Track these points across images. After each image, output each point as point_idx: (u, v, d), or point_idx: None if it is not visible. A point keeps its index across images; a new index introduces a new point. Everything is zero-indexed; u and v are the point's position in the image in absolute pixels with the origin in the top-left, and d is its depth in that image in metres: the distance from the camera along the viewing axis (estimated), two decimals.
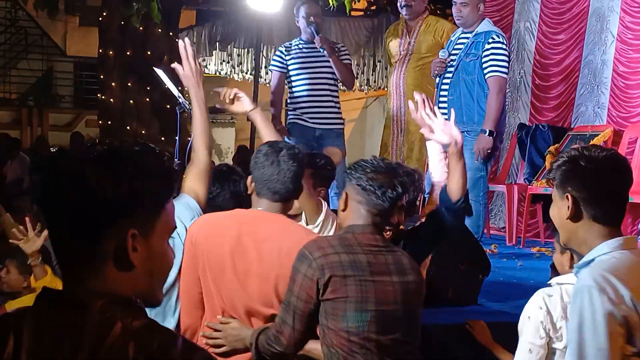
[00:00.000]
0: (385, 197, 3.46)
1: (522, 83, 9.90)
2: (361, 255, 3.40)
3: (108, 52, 14.29)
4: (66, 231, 1.86)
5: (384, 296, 3.38)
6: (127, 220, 1.85)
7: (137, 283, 1.89)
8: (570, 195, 2.91)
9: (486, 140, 6.76)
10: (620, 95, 8.69)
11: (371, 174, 3.50)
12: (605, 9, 8.94)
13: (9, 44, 21.92)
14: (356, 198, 3.51)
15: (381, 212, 3.49)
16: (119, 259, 1.85)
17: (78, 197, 1.83)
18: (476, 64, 6.89)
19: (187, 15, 17.77)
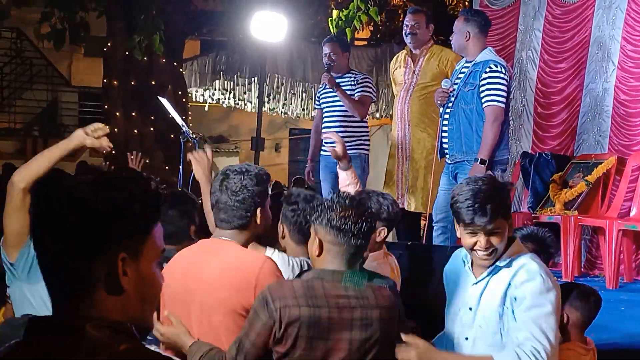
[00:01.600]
0: (360, 234, 3.40)
1: (525, 111, 9.92)
2: (324, 310, 3.31)
3: (112, 82, 14.34)
4: (56, 258, 1.86)
5: (334, 354, 3.33)
6: (117, 245, 1.86)
7: (128, 307, 1.89)
8: None
9: (479, 169, 6.74)
10: (621, 123, 8.69)
11: (342, 213, 3.42)
12: (606, 38, 8.97)
13: (14, 74, 22.00)
14: (330, 240, 3.43)
15: (357, 250, 3.43)
16: (109, 283, 1.85)
17: (68, 224, 1.83)
18: (474, 93, 6.87)
19: (191, 45, 17.85)
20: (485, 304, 3.66)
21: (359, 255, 3.48)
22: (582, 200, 8.36)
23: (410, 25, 8.00)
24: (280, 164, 22.40)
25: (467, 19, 7.09)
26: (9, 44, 21.25)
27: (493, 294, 3.64)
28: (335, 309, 3.33)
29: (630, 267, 8.05)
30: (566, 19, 9.57)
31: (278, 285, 3.40)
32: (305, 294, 3.31)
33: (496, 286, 3.64)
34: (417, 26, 8.03)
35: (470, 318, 3.71)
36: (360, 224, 3.40)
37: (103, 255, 1.85)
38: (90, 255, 1.84)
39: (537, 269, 3.57)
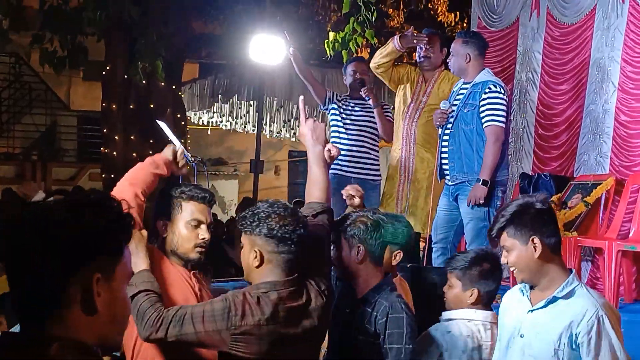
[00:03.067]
0: (296, 241, 3.38)
1: (525, 133, 9.92)
2: (281, 325, 3.31)
3: (111, 105, 14.35)
4: (30, 279, 1.87)
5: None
6: (91, 265, 1.88)
7: (99, 328, 1.91)
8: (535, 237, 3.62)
9: (480, 189, 6.76)
10: (622, 144, 8.69)
11: (281, 221, 3.39)
12: (606, 59, 8.98)
13: (13, 99, 22.00)
14: (269, 249, 3.40)
15: (294, 257, 3.40)
16: (85, 303, 1.87)
17: (43, 244, 1.85)
18: (474, 114, 6.89)
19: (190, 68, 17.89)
20: (539, 333, 3.69)
21: (297, 263, 3.43)
22: (582, 221, 8.35)
23: (424, 48, 8.02)
24: (279, 187, 22.38)
25: (465, 42, 7.11)
26: (7, 69, 21.28)
27: (549, 325, 3.66)
28: (292, 323, 3.33)
29: (630, 288, 8.03)
30: (565, 41, 9.59)
31: (242, 297, 3.34)
32: (267, 312, 3.29)
33: (554, 318, 3.66)
34: (432, 50, 8.06)
35: (520, 346, 3.74)
36: (298, 231, 3.38)
37: (78, 275, 1.87)
38: (66, 275, 1.86)
39: (595, 304, 3.61)
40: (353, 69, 8.36)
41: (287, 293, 3.36)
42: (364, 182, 8.02)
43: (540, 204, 3.70)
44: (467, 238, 7.07)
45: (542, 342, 3.64)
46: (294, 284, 3.40)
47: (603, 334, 3.55)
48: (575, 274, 3.72)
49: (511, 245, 3.66)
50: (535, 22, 9.99)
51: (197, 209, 3.92)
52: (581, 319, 3.56)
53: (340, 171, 8.20)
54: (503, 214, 3.69)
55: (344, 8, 10.12)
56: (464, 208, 6.96)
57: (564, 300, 3.65)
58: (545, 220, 3.73)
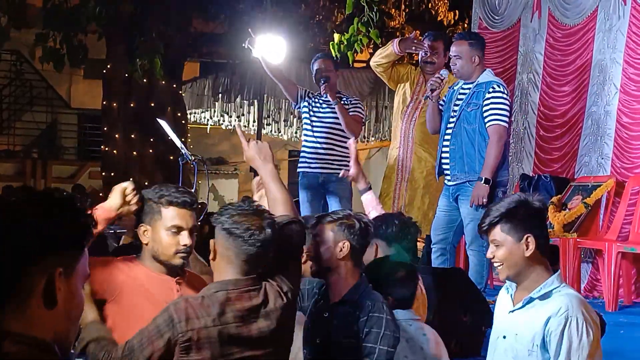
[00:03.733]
0: (253, 241, 3.26)
1: (526, 134, 9.92)
2: (232, 326, 3.21)
3: (112, 104, 14.35)
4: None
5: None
6: (54, 258, 1.88)
7: (55, 323, 1.90)
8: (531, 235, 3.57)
9: (482, 188, 6.76)
10: (623, 146, 8.69)
11: (236, 217, 3.29)
12: (608, 61, 8.98)
13: (14, 96, 22.02)
14: (224, 244, 3.31)
15: (251, 257, 3.29)
16: (47, 295, 1.87)
17: (4, 233, 1.86)
18: (477, 113, 6.90)
19: (191, 67, 17.89)
20: (517, 334, 3.64)
21: (255, 264, 3.32)
22: (581, 222, 8.35)
23: (428, 53, 8.02)
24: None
25: (472, 44, 7.13)
26: (8, 67, 21.28)
27: (525, 326, 3.61)
28: (241, 322, 3.23)
29: (629, 289, 8.03)
30: (567, 42, 9.59)
31: (184, 304, 3.23)
32: (212, 314, 3.20)
33: (529, 319, 3.61)
34: (436, 56, 8.06)
35: (504, 347, 3.70)
36: (257, 233, 3.26)
37: (39, 268, 1.87)
38: (25, 266, 1.86)
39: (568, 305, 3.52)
40: (317, 67, 8.28)
41: (237, 293, 3.26)
42: (329, 176, 8.05)
43: (539, 203, 3.66)
44: (467, 239, 7.07)
45: (520, 344, 3.61)
46: (246, 284, 3.30)
47: (566, 335, 3.46)
48: (559, 276, 3.64)
49: (502, 241, 3.60)
50: (537, 23, 9.98)
51: (177, 214, 3.75)
52: (552, 318, 3.51)
53: (308, 168, 8.24)
54: (498, 209, 3.63)
55: (347, 9, 10.12)
56: (465, 209, 6.96)
57: (540, 301, 3.59)
58: (540, 220, 3.73)
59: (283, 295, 3.37)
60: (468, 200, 6.92)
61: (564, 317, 3.48)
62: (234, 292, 3.26)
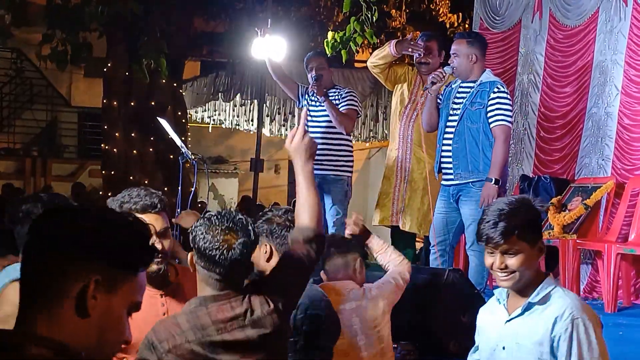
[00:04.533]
0: (222, 259, 3.15)
1: (527, 135, 9.91)
2: (215, 338, 3.13)
3: (112, 102, 14.36)
4: (33, 265, 1.88)
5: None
6: (96, 266, 1.88)
7: (85, 335, 1.88)
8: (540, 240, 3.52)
9: (492, 188, 6.76)
10: (624, 148, 8.69)
11: (208, 236, 3.16)
12: (609, 62, 8.97)
13: (14, 94, 22.03)
14: (199, 262, 3.21)
15: (223, 276, 3.19)
16: (78, 302, 1.86)
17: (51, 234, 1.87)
18: (481, 112, 6.90)
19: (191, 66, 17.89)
20: (520, 343, 3.55)
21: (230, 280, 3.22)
22: (581, 223, 8.34)
23: (422, 54, 8.02)
24: (279, 186, 22.39)
25: (470, 42, 7.12)
26: (9, 64, 21.29)
27: (528, 333, 3.52)
28: (226, 332, 3.15)
29: (628, 290, 8.02)
30: (568, 43, 9.58)
31: (161, 324, 3.16)
32: (192, 327, 3.12)
33: (532, 326, 3.52)
34: (430, 56, 8.06)
35: (503, 358, 3.61)
36: (222, 251, 3.16)
37: (78, 270, 1.86)
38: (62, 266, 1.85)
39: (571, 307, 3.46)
40: (309, 64, 8.29)
41: (217, 307, 3.17)
42: (325, 176, 8.04)
43: (540, 205, 3.62)
44: (469, 239, 7.06)
45: (524, 353, 3.52)
46: (227, 296, 3.20)
47: (575, 339, 3.39)
48: (550, 277, 3.58)
49: (521, 249, 3.46)
50: (538, 24, 9.98)
51: None
52: (557, 323, 3.43)
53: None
54: (506, 216, 3.45)
55: (345, 7, 10.12)
56: (467, 210, 6.96)
57: (540, 306, 3.50)
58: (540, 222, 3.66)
59: (270, 301, 3.27)
60: (470, 201, 6.92)
61: (570, 320, 3.41)
62: (214, 306, 3.18)
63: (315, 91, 8.06)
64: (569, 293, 3.59)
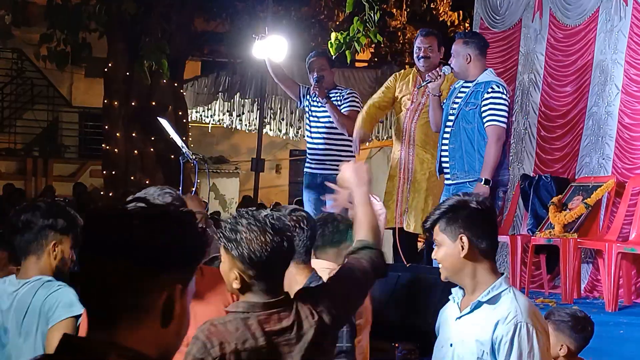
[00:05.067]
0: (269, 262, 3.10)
1: (527, 134, 9.91)
2: (264, 348, 3.09)
3: (113, 102, 14.38)
4: (111, 281, 1.84)
5: None
6: (175, 275, 1.87)
7: (165, 341, 1.89)
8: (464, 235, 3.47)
9: (483, 188, 6.75)
10: (625, 147, 8.70)
11: (263, 245, 3.09)
12: (609, 62, 8.98)
13: (15, 94, 22.05)
14: (251, 274, 3.13)
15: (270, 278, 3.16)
16: (165, 313, 1.86)
17: (128, 248, 1.83)
18: (475, 112, 6.89)
19: (192, 65, 17.91)
20: (464, 341, 3.51)
21: (277, 284, 3.20)
22: (582, 222, 8.35)
23: (423, 48, 7.98)
24: (280, 185, 22.40)
25: (466, 42, 7.11)
26: (10, 64, 21.31)
27: (473, 332, 3.48)
28: (274, 346, 3.11)
29: (629, 290, 8.03)
30: (569, 43, 9.59)
31: (212, 327, 3.11)
32: (242, 334, 3.08)
33: (477, 325, 3.48)
34: (430, 49, 8.02)
35: (450, 356, 3.56)
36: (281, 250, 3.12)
37: (161, 282, 1.85)
38: (148, 282, 1.84)
39: (517, 310, 3.41)
40: (311, 65, 8.27)
41: (265, 316, 3.13)
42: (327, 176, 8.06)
43: (476, 204, 3.56)
44: None
45: (467, 351, 3.47)
46: (275, 305, 3.17)
47: (516, 343, 3.34)
48: (505, 279, 3.52)
49: (441, 240, 3.53)
50: (538, 23, 9.98)
51: None
52: (500, 324, 3.38)
53: (309, 169, 8.27)
54: (439, 207, 3.59)
55: (348, 8, 10.14)
56: None
57: (488, 306, 3.46)
58: (479, 220, 3.56)
59: (315, 313, 3.21)
60: None
61: (513, 324, 3.37)
62: (263, 315, 3.14)
63: (317, 93, 8.06)
64: (520, 297, 3.53)
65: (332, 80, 8.37)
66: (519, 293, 3.56)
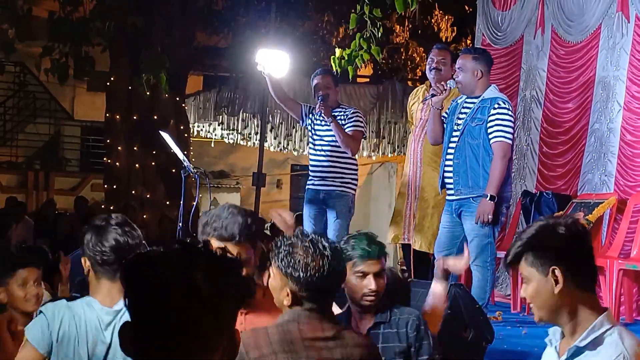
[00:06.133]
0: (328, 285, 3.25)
1: (529, 150, 9.92)
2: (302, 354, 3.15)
3: (115, 116, 14.40)
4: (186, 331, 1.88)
5: None
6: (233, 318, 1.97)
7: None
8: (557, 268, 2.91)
9: (488, 204, 6.77)
10: (627, 164, 8.69)
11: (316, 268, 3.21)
12: (611, 78, 8.98)
13: (17, 108, 22.08)
14: (302, 293, 3.23)
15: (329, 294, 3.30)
16: (230, 351, 1.95)
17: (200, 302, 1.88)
18: (482, 128, 6.91)
19: (194, 80, 17.95)
20: None
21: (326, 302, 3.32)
22: None
23: (436, 60, 7.99)
24: (281, 200, 22.39)
25: (476, 58, 7.13)
26: (12, 78, 21.35)
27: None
28: (313, 350, 3.16)
29: (630, 307, 8.01)
30: (570, 59, 9.60)
31: (251, 335, 3.15)
32: (282, 339, 3.14)
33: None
34: (443, 62, 8.03)
35: None
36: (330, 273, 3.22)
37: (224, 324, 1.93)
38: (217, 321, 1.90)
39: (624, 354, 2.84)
40: (316, 83, 8.27)
41: (308, 323, 3.21)
42: (330, 192, 8.09)
43: (565, 229, 2.99)
44: (472, 255, 7.04)
45: None
46: (318, 313, 3.25)
47: None
48: (607, 315, 2.94)
49: (529, 276, 2.97)
50: (540, 40, 10.00)
51: None
52: None
53: (312, 185, 8.28)
54: (521, 237, 3.01)
55: (351, 24, 10.16)
56: (469, 225, 6.96)
57: (590, 352, 2.88)
58: (573, 248, 3.01)
59: None
60: (472, 216, 6.92)
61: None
62: (306, 323, 3.21)
63: (322, 112, 8.07)
64: (627, 337, 2.92)
65: (336, 98, 8.39)
66: (625, 333, 2.95)
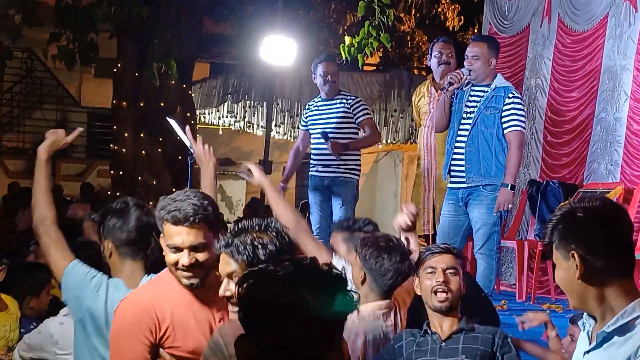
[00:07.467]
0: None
1: (534, 139, 9.91)
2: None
3: (122, 103, 14.39)
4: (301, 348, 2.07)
5: None
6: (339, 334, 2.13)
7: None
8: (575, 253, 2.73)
9: (508, 193, 6.81)
10: (633, 153, 8.68)
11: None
12: (618, 67, 8.96)
13: (24, 94, 22.09)
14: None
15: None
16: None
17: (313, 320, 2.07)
18: (496, 117, 6.92)
19: (201, 67, 17.92)
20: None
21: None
22: None
23: (445, 53, 8.01)
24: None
25: (490, 46, 7.14)
26: (19, 64, 21.34)
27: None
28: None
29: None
30: (577, 48, 9.58)
31: (228, 326, 3.07)
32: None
33: None
34: (451, 55, 8.06)
35: None
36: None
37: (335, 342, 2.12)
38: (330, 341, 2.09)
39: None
40: (323, 70, 8.25)
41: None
42: (334, 179, 8.11)
43: (583, 211, 2.78)
44: (477, 242, 7.06)
45: None
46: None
47: None
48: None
49: (556, 260, 2.80)
50: (546, 28, 9.98)
51: (173, 231, 3.43)
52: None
53: (316, 172, 8.37)
54: (551, 219, 2.85)
55: (359, 12, 10.16)
56: (476, 213, 6.97)
57: (619, 338, 2.71)
58: (594, 232, 2.75)
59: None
60: (480, 205, 6.94)
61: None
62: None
63: (332, 151, 8.10)
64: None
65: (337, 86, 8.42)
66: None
